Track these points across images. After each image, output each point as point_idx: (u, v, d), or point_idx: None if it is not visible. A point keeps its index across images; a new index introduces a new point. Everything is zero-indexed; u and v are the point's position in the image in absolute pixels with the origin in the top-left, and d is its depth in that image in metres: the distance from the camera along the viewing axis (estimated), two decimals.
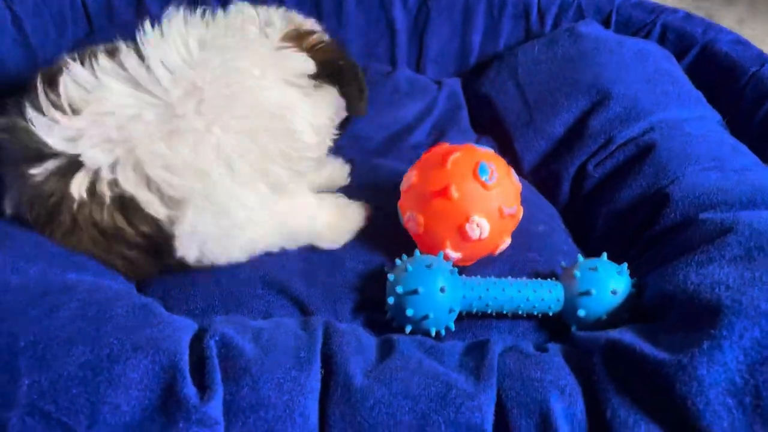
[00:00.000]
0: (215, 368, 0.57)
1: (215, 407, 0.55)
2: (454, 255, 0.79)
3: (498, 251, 0.82)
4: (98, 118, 0.69)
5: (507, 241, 0.82)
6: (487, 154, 0.80)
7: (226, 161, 0.72)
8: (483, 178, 0.76)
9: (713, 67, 1.09)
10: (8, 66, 1.05)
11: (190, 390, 0.55)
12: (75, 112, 0.69)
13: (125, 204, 0.70)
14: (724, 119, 1.01)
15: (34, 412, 0.51)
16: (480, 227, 0.76)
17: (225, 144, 0.72)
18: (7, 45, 1.05)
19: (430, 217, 0.78)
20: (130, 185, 0.70)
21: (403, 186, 0.82)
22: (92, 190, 0.69)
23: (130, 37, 0.75)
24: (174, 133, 0.71)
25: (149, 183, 0.70)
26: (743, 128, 1.00)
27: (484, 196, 0.77)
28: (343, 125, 1.14)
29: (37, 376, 0.52)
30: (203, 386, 0.56)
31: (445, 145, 0.83)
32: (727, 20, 2.09)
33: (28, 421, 0.51)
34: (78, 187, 0.69)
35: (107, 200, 0.70)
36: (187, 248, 0.74)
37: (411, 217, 0.79)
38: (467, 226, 0.76)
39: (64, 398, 0.52)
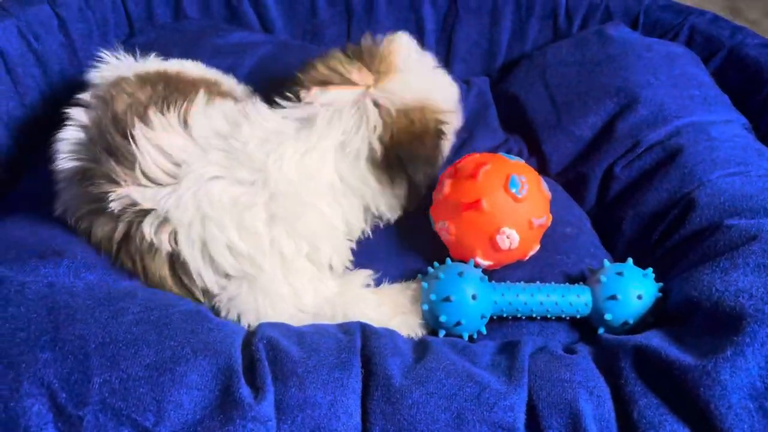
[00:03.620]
0: (266, 369, 0.62)
1: (268, 405, 0.59)
2: (485, 263, 0.82)
3: (527, 257, 0.85)
4: (185, 182, 0.74)
5: (536, 248, 0.85)
6: (517, 166, 0.83)
7: (281, 257, 0.77)
8: (513, 191, 0.79)
9: (740, 70, 1.10)
10: (53, 67, 1.09)
11: (245, 390, 0.59)
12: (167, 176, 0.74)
13: (176, 262, 0.75)
14: (750, 123, 1.03)
15: (106, 409, 0.56)
16: (510, 238, 0.79)
17: (283, 244, 0.77)
18: (54, 48, 1.09)
19: (462, 228, 0.81)
20: (187, 251, 0.74)
21: (436, 194, 0.85)
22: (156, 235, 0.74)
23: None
24: (242, 220, 0.75)
25: (207, 255, 0.75)
26: None
27: (515, 209, 0.79)
28: None
29: (108, 375, 0.57)
30: (255, 386, 0.60)
31: (476, 156, 0.85)
32: (754, 12, 2.07)
33: (101, 418, 0.56)
34: (149, 228, 0.73)
35: (163, 251, 0.74)
36: (225, 308, 0.78)
37: (443, 226, 0.83)
38: (498, 238, 0.79)
39: (133, 396, 0.57)
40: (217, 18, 1.26)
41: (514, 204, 0.80)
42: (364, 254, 0.87)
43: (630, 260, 0.81)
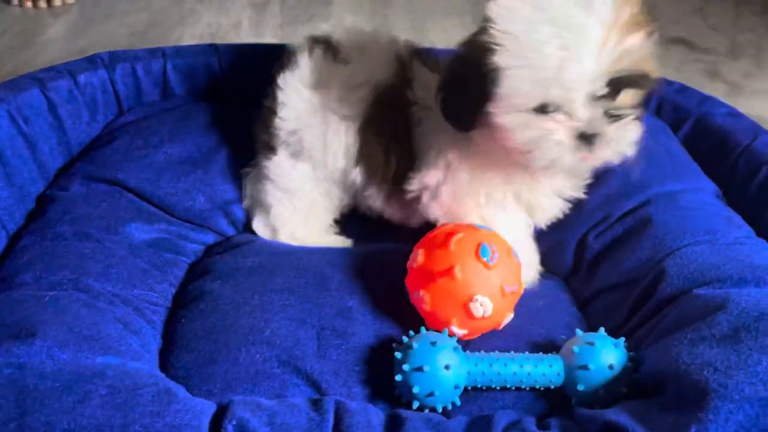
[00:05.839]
0: None
1: None
2: (460, 332, 0.83)
3: (501, 326, 0.86)
4: None
5: (510, 317, 0.86)
6: (488, 234, 0.85)
7: None
8: (485, 259, 0.81)
9: (708, 139, 1.13)
10: (42, 147, 1.12)
11: None
12: None
13: None
14: (720, 189, 1.05)
15: None
16: (483, 306, 0.81)
17: None
18: (44, 129, 1.12)
19: (436, 296, 0.82)
20: None
21: (411, 264, 0.86)
22: None
23: None
24: None
25: None
26: (738, 199, 1.04)
27: (487, 276, 0.81)
28: None
29: None
30: None
31: (448, 226, 0.88)
32: (734, 74, 2.12)
33: None
34: None
35: None
36: None
37: (418, 296, 0.84)
38: (471, 305, 0.81)
39: None
40: (204, 93, 1.30)
41: (485, 271, 0.81)
42: (342, 317, 0.87)
43: (602, 330, 0.82)
